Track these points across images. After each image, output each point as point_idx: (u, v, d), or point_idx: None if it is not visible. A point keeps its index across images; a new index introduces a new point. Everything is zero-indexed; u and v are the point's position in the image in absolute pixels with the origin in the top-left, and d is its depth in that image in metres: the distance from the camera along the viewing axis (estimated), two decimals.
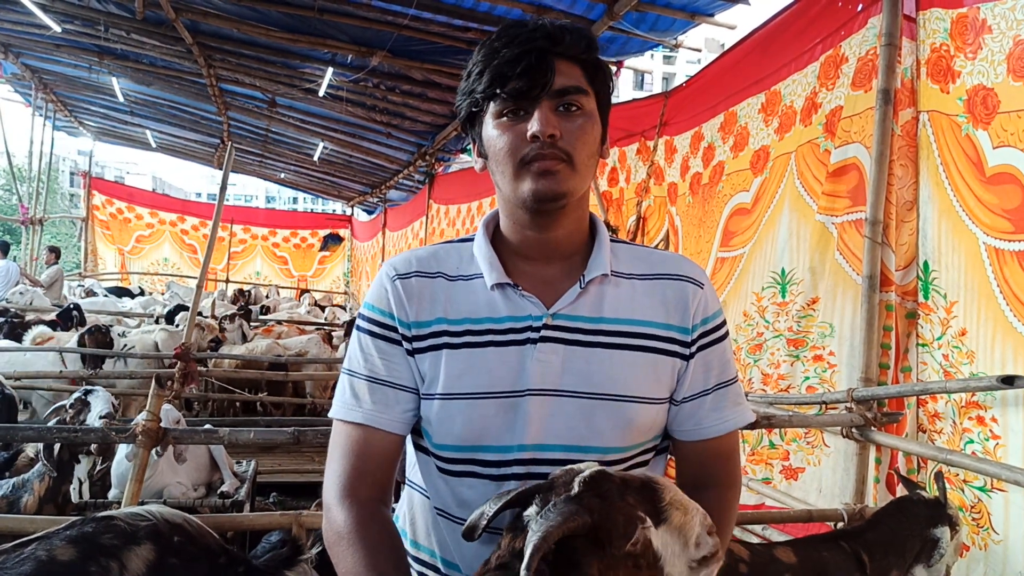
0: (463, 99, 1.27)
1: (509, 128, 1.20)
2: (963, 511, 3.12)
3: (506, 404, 1.23)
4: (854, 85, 3.81)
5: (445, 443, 1.27)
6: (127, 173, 65.49)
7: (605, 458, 1.24)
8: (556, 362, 1.24)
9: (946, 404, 3.28)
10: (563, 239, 1.29)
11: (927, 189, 3.44)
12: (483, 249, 1.31)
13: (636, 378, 1.26)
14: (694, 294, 1.31)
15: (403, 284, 1.30)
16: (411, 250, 1.38)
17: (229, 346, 8.65)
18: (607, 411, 1.24)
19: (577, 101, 1.21)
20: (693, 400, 1.31)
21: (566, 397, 1.24)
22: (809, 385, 3.93)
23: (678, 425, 1.33)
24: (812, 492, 3.83)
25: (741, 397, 1.35)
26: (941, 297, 3.33)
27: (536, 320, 1.25)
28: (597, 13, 5.97)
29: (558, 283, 1.29)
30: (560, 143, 1.18)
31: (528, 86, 1.18)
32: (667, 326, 1.29)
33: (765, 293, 4.34)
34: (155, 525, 2.03)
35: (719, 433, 1.32)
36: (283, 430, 2.99)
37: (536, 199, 1.20)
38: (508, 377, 1.24)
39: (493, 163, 1.25)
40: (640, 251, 1.38)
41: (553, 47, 1.19)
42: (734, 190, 4.88)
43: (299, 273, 21.79)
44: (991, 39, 3.10)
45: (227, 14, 7.76)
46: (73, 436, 2.83)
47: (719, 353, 1.32)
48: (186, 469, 4.44)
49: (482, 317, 1.27)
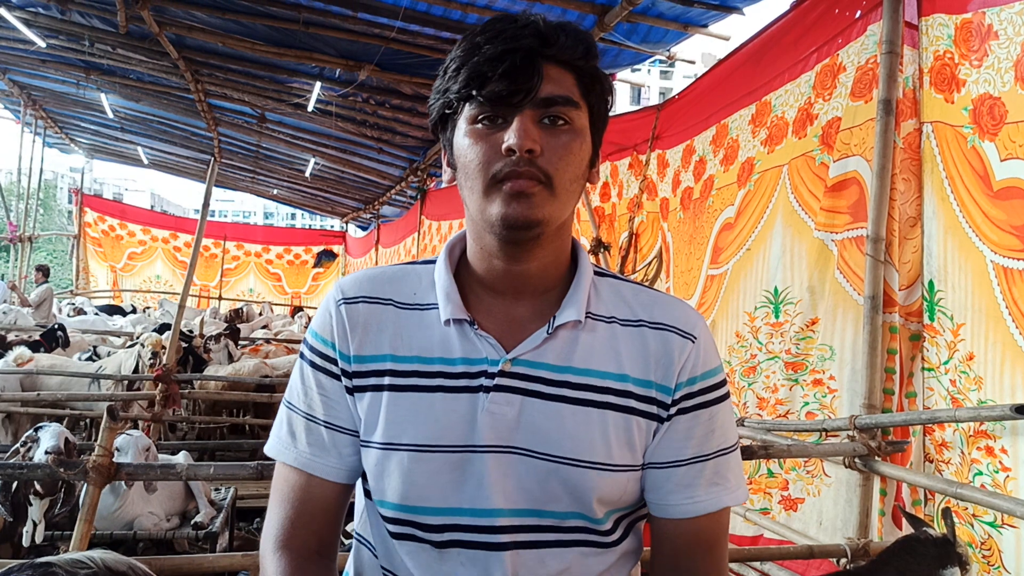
0: (435, 99, 1.08)
1: (483, 137, 1.01)
2: (972, 547, 2.94)
3: (452, 460, 1.04)
4: (853, 95, 3.65)
5: (383, 499, 1.08)
6: (125, 190, 65.72)
7: (564, 523, 1.06)
8: (510, 414, 1.05)
9: (954, 433, 3.09)
10: (536, 273, 1.09)
11: (931, 204, 3.27)
12: (443, 278, 1.11)
13: (602, 441, 1.06)
14: (682, 348, 1.10)
15: (348, 310, 1.11)
16: (366, 269, 1.19)
17: (215, 366, 8.47)
18: (564, 476, 1.04)
19: (565, 114, 1.02)
20: (661, 469, 1.10)
21: (519, 455, 1.05)
22: (809, 411, 3.75)
23: (644, 493, 1.12)
24: (812, 524, 3.64)
25: (724, 476, 1.11)
26: (948, 319, 3.15)
27: (492, 365, 1.06)
28: (588, 24, 5.83)
29: (525, 323, 1.10)
30: (540, 160, 0.99)
31: (509, 90, 0.99)
32: (646, 383, 1.09)
33: (758, 313, 4.17)
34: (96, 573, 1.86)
35: (686, 515, 1.10)
36: (246, 464, 2.80)
37: (506, 225, 1.00)
38: (456, 429, 1.05)
39: (462, 175, 1.05)
40: (627, 289, 1.16)
41: (543, 48, 1.00)
42: (723, 205, 4.73)
43: (292, 290, 21.68)
44: (997, 45, 2.94)
45: (212, 28, 7.64)
46: (18, 473, 2.64)
47: (705, 420, 1.10)
48: (159, 498, 4.26)
49: (434, 357, 1.08)
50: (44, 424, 3.20)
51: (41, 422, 3.37)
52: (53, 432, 3.12)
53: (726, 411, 1.13)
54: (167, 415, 6.45)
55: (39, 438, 3.09)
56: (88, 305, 14.88)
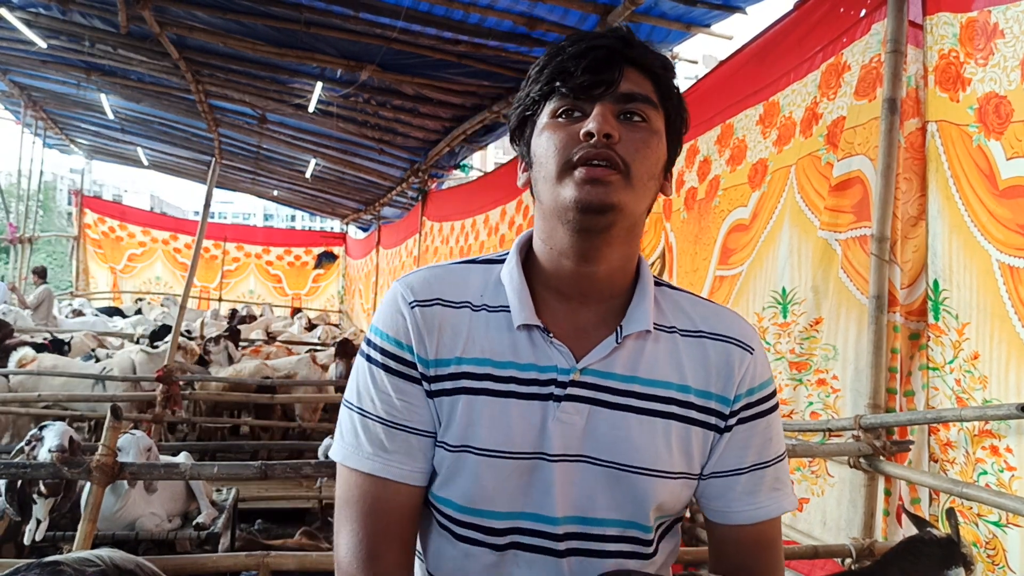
0: (516, 107, 1.12)
1: (562, 128, 1.04)
2: (977, 547, 2.93)
3: (522, 467, 1.06)
4: (857, 94, 3.64)
5: (451, 500, 1.09)
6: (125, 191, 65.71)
7: (625, 533, 1.09)
8: (579, 423, 1.07)
9: (959, 432, 3.08)
10: (604, 277, 1.10)
11: (936, 203, 3.26)
12: (514, 280, 1.11)
13: (665, 450, 1.08)
14: (741, 360, 1.12)
15: (423, 313, 1.10)
16: (428, 268, 1.17)
17: (215, 368, 8.46)
18: (628, 484, 1.07)
19: (643, 111, 1.04)
20: (724, 478, 1.13)
21: (586, 463, 1.07)
22: (813, 411, 3.73)
23: (706, 501, 1.15)
24: (816, 525, 3.62)
25: (782, 481, 1.16)
26: (952, 318, 3.14)
27: (563, 374, 1.07)
28: (590, 24, 5.85)
29: (592, 331, 1.10)
30: (618, 147, 1.01)
31: (591, 82, 1.02)
32: (706, 394, 1.11)
33: (766, 313, 4.15)
34: (103, 571, 1.85)
35: (750, 520, 1.13)
36: (250, 464, 2.80)
37: (579, 208, 1.00)
38: (528, 436, 1.06)
39: (537, 167, 1.07)
40: (685, 300, 1.18)
41: (625, 48, 1.05)
42: (732, 205, 4.70)
43: (293, 291, 21.69)
44: (1004, 44, 2.93)
45: (213, 28, 7.63)
46: (21, 472, 2.63)
47: (762, 429, 1.13)
48: (160, 499, 4.25)
49: (505, 361, 1.09)
50: (48, 423, 3.19)
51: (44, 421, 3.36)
52: (58, 431, 3.11)
53: (778, 420, 1.17)
54: (169, 416, 6.45)
55: (43, 436, 3.08)
56: (87, 307, 14.86)
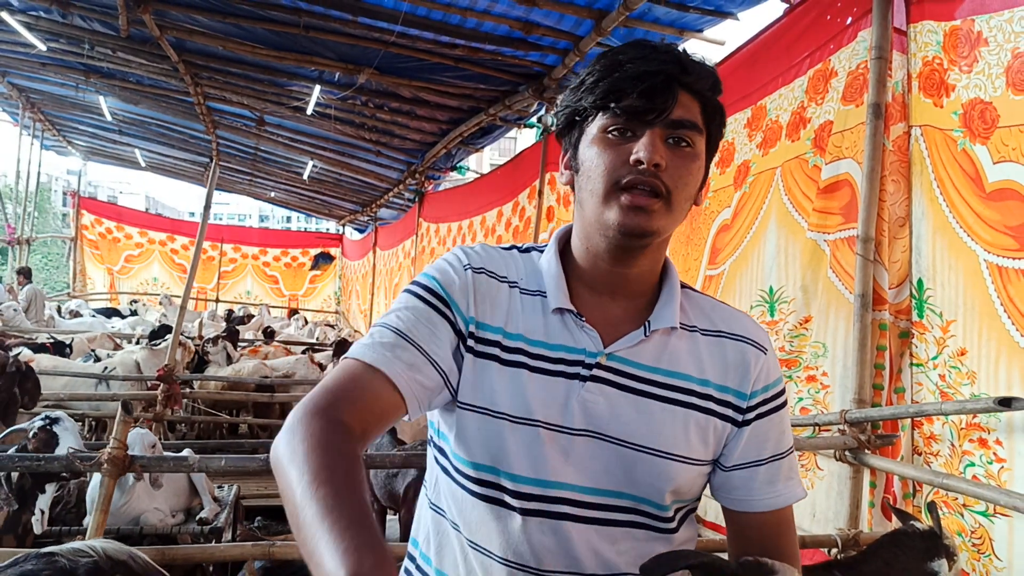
0: (568, 105, 1.18)
1: (612, 146, 1.11)
2: (962, 536, 3.02)
3: (544, 436, 1.14)
4: (844, 100, 3.74)
5: (472, 460, 1.17)
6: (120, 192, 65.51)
7: (639, 507, 1.17)
8: (602, 403, 1.15)
9: (943, 426, 3.18)
10: (634, 277, 1.20)
11: (921, 205, 3.36)
12: (552, 268, 1.22)
13: (683, 436, 1.17)
14: (756, 359, 1.22)
15: (475, 278, 1.20)
16: (482, 245, 1.28)
17: (214, 368, 8.53)
18: (647, 465, 1.15)
19: (689, 137, 1.11)
20: (745, 469, 1.22)
21: (607, 442, 1.15)
22: (803, 406, 3.83)
23: (726, 492, 1.24)
24: (806, 517, 3.72)
25: (795, 470, 1.26)
26: (936, 316, 3.25)
27: (590, 356, 1.17)
28: (585, 29, 5.94)
29: (619, 322, 1.20)
30: (663, 175, 1.09)
31: (646, 108, 1.09)
32: (724, 388, 1.20)
33: (753, 311, 4.25)
34: (96, 562, 1.93)
35: (770, 508, 1.22)
36: (256, 457, 2.90)
37: (622, 232, 1.10)
38: (551, 409, 1.15)
39: (584, 178, 1.15)
40: (704, 302, 1.28)
41: (681, 75, 1.10)
42: (720, 207, 4.81)
43: (290, 292, 21.74)
44: (988, 52, 3.03)
45: (212, 31, 7.70)
46: (36, 465, 2.72)
47: (777, 423, 1.23)
48: (164, 495, 4.32)
49: (537, 339, 1.18)
50: (57, 417, 3.24)
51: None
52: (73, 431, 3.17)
53: (787, 414, 1.27)
54: (170, 414, 6.53)
55: (57, 434, 3.15)
56: (84, 307, 14.89)
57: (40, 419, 3.22)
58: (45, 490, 3.01)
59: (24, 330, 9.89)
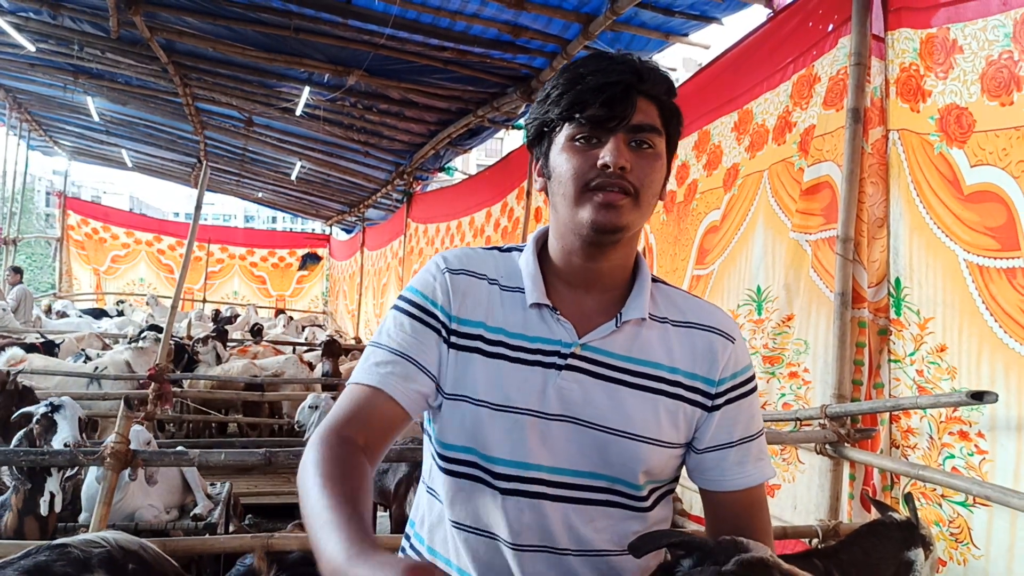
0: (536, 118, 1.29)
1: (580, 153, 1.21)
2: (940, 526, 3.12)
3: (522, 421, 1.24)
4: (826, 104, 3.84)
5: (455, 443, 1.28)
6: (104, 193, 65.02)
7: (614, 487, 1.26)
8: (577, 390, 1.25)
9: (921, 420, 3.28)
10: (607, 272, 1.30)
11: (898, 206, 3.47)
12: (530, 266, 1.32)
13: (654, 420, 1.26)
14: (724, 348, 1.31)
15: (452, 279, 1.31)
16: (463, 248, 1.41)
17: (204, 367, 8.57)
18: (619, 447, 1.25)
19: (650, 139, 1.22)
20: (716, 451, 1.31)
21: (582, 427, 1.25)
22: (785, 402, 3.94)
23: (700, 473, 1.34)
24: (788, 509, 3.83)
25: (764, 452, 1.35)
26: (914, 313, 3.35)
27: (565, 347, 1.26)
28: (572, 33, 6.02)
29: (593, 315, 1.30)
30: (629, 176, 1.19)
31: (608, 116, 1.19)
32: (693, 375, 1.29)
33: (741, 311, 4.35)
34: (109, 552, 1.99)
35: (741, 487, 1.32)
36: (255, 451, 2.96)
37: (594, 229, 1.21)
38: (529, 396, 1.25)
39: (555, 184, 1.26)
40: (675, 295, 1.38)
41: (638, 83, 1.21)
42: (708, 208, 4.90)
43: (277, 292, 21.72)
44: (963, 59, 3.13)
45: (203, 33, 7.72)
46: (39, 459, 2.78)
47: (746, 407, 1.33)
48: (158, 491, 4.37)
49: (517, 332, 1.28)
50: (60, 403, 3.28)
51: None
52: (72, 420, 3.23)
53: (758, 400, 1.37)
54: (160, 413, 6.56)
55: (56, 421, 3.20)
56: (71, 308, 14.85)
57: (44, 404, 3.28)
58: (52, 473, 3.06)
59: (13, 330, 9.87)
